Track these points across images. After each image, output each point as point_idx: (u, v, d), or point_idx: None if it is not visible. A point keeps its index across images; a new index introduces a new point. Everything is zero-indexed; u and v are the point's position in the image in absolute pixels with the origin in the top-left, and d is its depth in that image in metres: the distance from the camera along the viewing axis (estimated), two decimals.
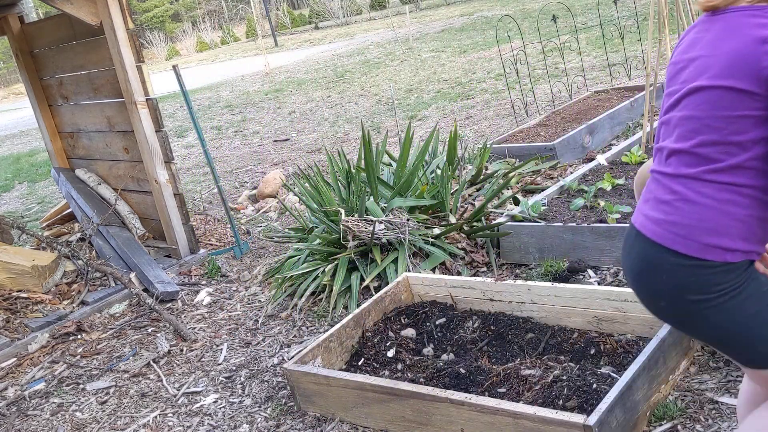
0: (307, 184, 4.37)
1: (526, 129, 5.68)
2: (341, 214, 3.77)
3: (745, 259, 1.42)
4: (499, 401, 2.20)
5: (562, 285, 2.85)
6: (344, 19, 26.58)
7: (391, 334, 3.02)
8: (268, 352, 3.34)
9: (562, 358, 2.59)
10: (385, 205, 3.94)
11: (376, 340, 2.98)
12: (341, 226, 3.69)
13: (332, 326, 3.18)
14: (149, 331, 3.83)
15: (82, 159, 5.43)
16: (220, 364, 3.33)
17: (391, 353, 2.89)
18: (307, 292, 3.66)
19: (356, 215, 3.80)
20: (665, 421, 2.22)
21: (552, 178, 4.64)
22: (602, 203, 3.55)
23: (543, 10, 12.02)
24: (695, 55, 1.45)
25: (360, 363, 2.90)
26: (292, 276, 3.82)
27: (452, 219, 3.94)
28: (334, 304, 3.54)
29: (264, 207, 5.73)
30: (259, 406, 2.88)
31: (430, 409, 2.34)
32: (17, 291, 4.28)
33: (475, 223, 3.91)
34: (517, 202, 3.97)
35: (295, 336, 3.43)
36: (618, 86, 6.42)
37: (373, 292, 3.49)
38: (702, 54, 1.43)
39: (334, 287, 3.55)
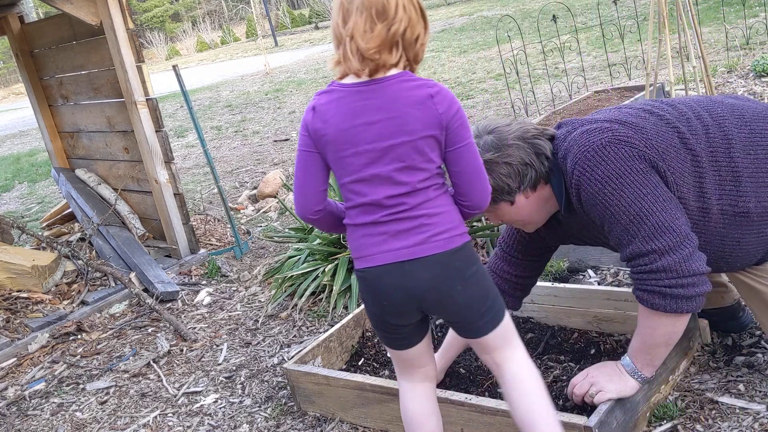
0: None
1: None
2: None
3: None
4: (499, 402, 2.20)
5: (562, 285, 2.85)
6: None
7: None
8: (268, 352, 3.34)
9: (562, 358, 2.59)
10: None
11: (376, 340, 2.99)
12: None
13: (332, 326, 3.18)
14: (149, 331, 3.83)
15: (82, 159, 5.43)
16: (220, 364, 3.33)
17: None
18: (307, 292, 3.66)
19: None
20: (665, 422, 2.22)
21: None
22: None
23: (543, 10, 12.03)
24: (374, 119, 1.72)
25: (360, 363, 2.90)
26: (292, 276, 3.82)
27: None
28: (334, 303, 3.54)
29: (264, 207, 5.74)
30: (259, 406, 2.88)
31: None
32: (17, 291, 4.28)
33: (475, 223, 3.91)
34: None
35: (295, 336, 3.43)
36: (618, 86, 6.42)
37: None
38: (383, 117, 1.72)
39: (334, 287, 3.55)
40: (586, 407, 2.19)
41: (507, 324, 1.91)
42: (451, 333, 2.55)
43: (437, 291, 1.78)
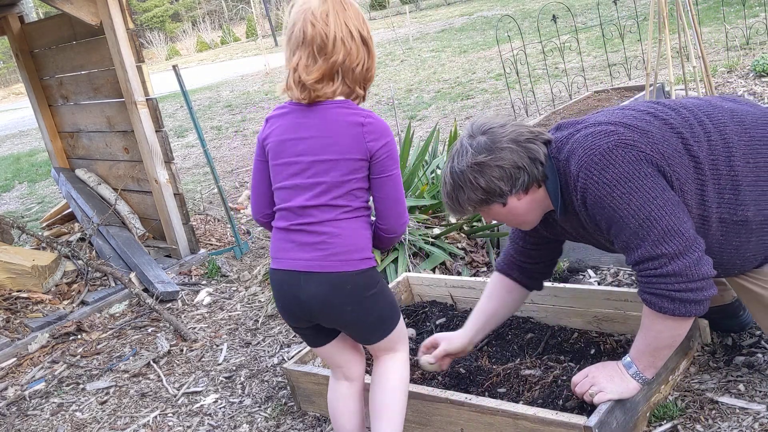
0: None
1: None
2: None
3: None
4: (499, 402, 2.20)
5: (562, 285, 2.84)
6: None
7: None
8: (268, 352, 3.34)
9: (562, 358, 2.59)
10: None
11: None
12: None
13: None
14: (149, 331, 3.83)
15: (82, 159, 5.43)
16: (220, 364, 3.33)
17: None
18: None
19: None
20: (665, 422, 2.22)
21: None
22: None
23: (543, 10, 12.03)
24: (306, 135, 1.93)
25: None
26: None
27: (452, 219, 3.94)
28: None
29: None
30: (259, 406, 2.88)
31: (430, 409, 2.34)
32: (17, 291, 4.28)
33: (475, 223, 3.91)
34: None
35: (295, 336, 3.43)
36: (618, 86, 6.43)
37: None
38: (313, 135, 1.92)
39: None
40: (585, 407, 2.19)
41: (397, 331, 2.07)
42: (479, 306, 2.59)
43: (326, 308, 1.95)
